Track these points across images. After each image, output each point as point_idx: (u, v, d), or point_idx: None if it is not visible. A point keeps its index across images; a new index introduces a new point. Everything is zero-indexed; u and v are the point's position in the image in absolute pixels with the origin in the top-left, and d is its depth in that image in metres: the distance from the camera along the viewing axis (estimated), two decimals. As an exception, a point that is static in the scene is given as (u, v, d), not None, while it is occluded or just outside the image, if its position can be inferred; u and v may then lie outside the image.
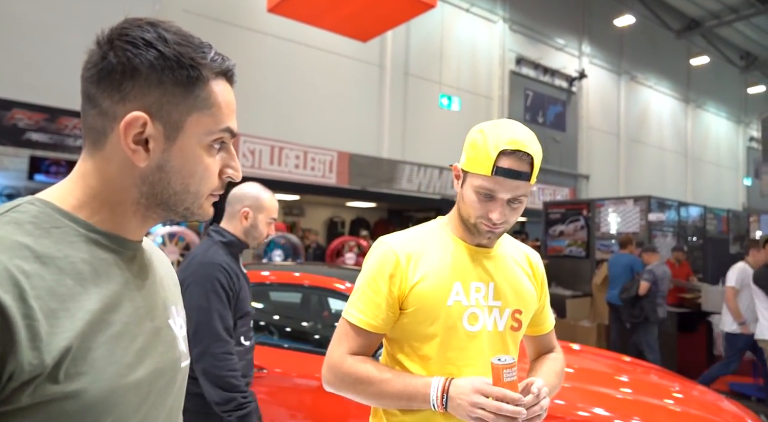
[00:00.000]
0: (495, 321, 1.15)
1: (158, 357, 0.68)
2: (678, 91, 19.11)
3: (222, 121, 0.68)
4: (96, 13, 7.99)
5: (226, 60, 0.71)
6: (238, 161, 0.73)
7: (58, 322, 0.55)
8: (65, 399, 0.55)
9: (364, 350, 1.16)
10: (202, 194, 0.69)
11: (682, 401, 2.59)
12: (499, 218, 1.08)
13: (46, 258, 0.57)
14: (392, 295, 1.13)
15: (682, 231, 7.30)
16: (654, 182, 17.18)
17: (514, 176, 1.06)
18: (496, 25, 13.87)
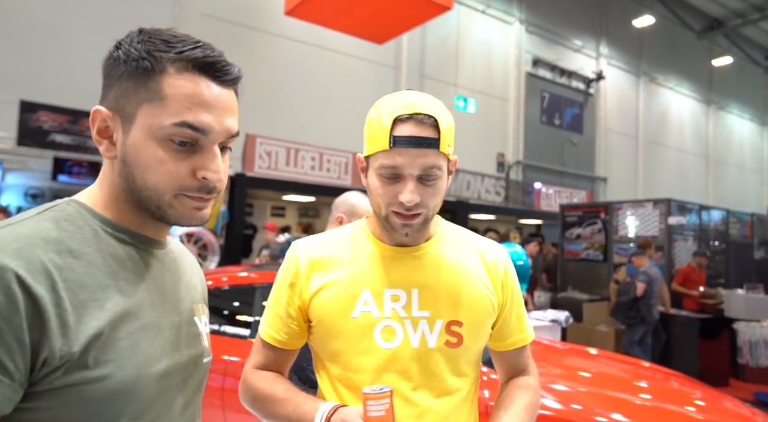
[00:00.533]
0: (423, 336, 0.93)
1: (182, 351, 0.71)
2: (699, 92, 18.75)
3: (175, 114, 0.64)
4: (117, 16, 8.15)
5: (203, 50, 0.66)
6: (219, 163, 0.68)
7: (86, 312, 0.59)
8: (92, 383, 0.58)
9: (272, 365, 1.03)
10: (164, 192, 0.66)
11: (704, 409, 2.53)
12: (410, 198, 0.87)
13: (77, 253, 0.62)
14: (292, 306, 0.98)
15: (703, 235, 7.15)
16: (674, 184, 16.87)
17: (417, 144, 0.86)
18: (513, 26, 13.78)
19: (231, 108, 0.69)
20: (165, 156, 0.65)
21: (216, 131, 0.66)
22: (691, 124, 18.63)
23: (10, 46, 7.40)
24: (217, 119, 0.66)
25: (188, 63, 0.65)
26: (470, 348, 0.96)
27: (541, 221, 13.67)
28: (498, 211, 12.48)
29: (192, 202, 0.68)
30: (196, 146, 0.66)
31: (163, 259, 0.74)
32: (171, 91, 0.64)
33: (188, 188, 0.66)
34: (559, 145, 14.79)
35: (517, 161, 13.73)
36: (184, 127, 0.64)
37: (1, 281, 0.53)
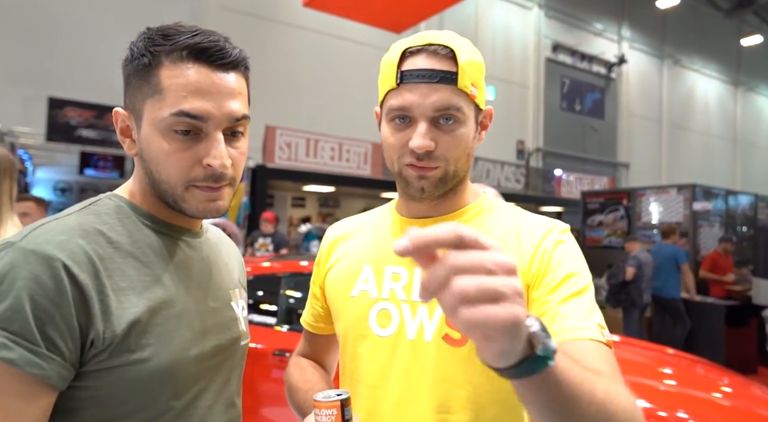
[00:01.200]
0: (421, 325, 0.75)
1: (218, 334, 0.74)
2: (726, 73, 18.17)
3: (173, 104, 0.65)
4: (139, 11, 8.27)
5: (194, 35, 0.66)
6: (221, 148, 0.67)
7: (126, 299, 0.64)
8: (134, 364, 0.63)
9: (309, 352, 0.96)
10: (176, 184, 0.67)
11: (731, 395, 2.51)
12: (421, 143, 0.71)
13: (117, 243, 0.66)
14: (317, 285, 0.92)
15: (730, 221, 6.99)
16: (699, 169, 16.46)
17: (428, 77, 0.71)
18: (531, 11, 13.53)
19: (232, 92, 0.68)
20: (169, 148, 0.66)
21: (215, 116, 0.66)
22: (717, 106, 18.09)
23: (37, 44, 7.59)
24: (216, 103, 0.66)
25: (182, 52, 0.65)
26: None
27: (562, 209, 13.51)
28: (518, 199, 12.37)
29: (202, 193, 0.68)
30: (200, 134, 0.66)
31: (199, 247, 0.77)
32: (167, 83, 0.65)
33: (195, 178, 0.67)
34: (580, 131, 14.54)
35: (537, 148, 13.56)
36: (182, 116, 0.64)
37: (50, 270, 0.58)
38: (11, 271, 0.58)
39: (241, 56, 0.70)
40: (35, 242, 0.60)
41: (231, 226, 5.58)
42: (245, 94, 0.72)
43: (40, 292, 0.57)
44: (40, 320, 0.57)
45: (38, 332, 0.57)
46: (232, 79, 0.69)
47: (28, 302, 0.57)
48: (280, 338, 2.51)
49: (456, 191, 0.79)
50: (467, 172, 0.79)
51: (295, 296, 3.10)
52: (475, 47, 0.77)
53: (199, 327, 0.71)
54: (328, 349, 0.96)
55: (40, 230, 0.62)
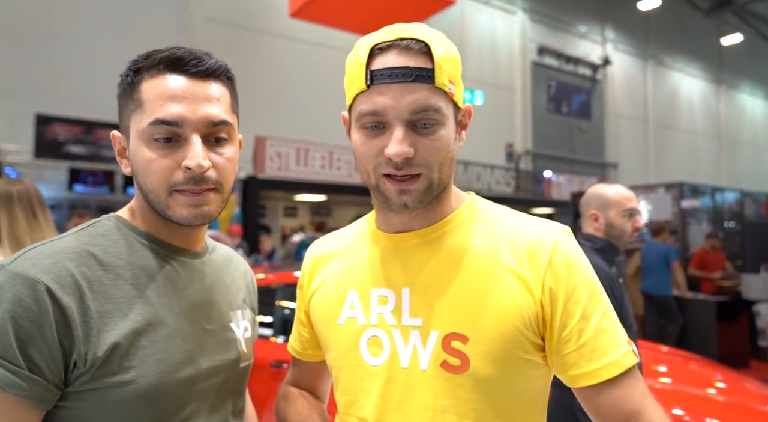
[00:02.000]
0: (415, 353, 0.68)
1: (214, 356, 0.73)
2: (709, 72, 18.47)
3: (151, 113, 0.67)
4: (125, 26, 8.26)
5: (168, 52, 0.69)
6: (198, 149, 0.67)
7: (111, 321, 0.64)
8: (117, 387, 0.63)
9: (299, 380, 0.89)
10: (159, 191, 0.68)
11: (725, 391, 2.55)
12: (398, 150, 0.62)
13: (108, 266, 0.67)
14: (302, 310, 0.84)
15: (717, 217, 7.09)
16: (686, 167, 16.68)
17: (402, 76, 0.62)
18: (516, 16, 13.68)
19: (208, 97, 0.69)
20: (152, 155, 0.67)
21: (190, 120, 0.67)
22: (701, 105, 18.37)
23: (24, 60, 7.55)
24: (190, 108, 0.67)
25: (159, 65, 0.68)
26: (486, 379, 0.65)
27: (553, 210, 13.61)
28: (509, 201, 12.39)
29: (185, 198, 0.68)
30: (180, 140, 0.68)
31: (197, 268, 0.76)
32: (146, 96, 0.67)
33: (176, 183, 0.68)
34: (568, 132, 14.69)
35: (526, 151, 13.67)
36: (158, 124, 0.66)
37: (34, 293, 0.59)
38: None
39: (219, 65, 0.71)
40: (22, 266, 0.61)
41: (224, 238, 5.56)
42: (227, 102, 0.72)
43: (22, 314, 0.59)
44: (22, 342, 0.58)
45: (20, 353, 0.58)
46: (211, 86, 0.70)
47: (11, 324, 0.58)
48: (276, 349, 2.51)
49: (440, 199, 0.71)
50: (451, 178, 0.71)
51: (290, 306, 3.10)
52: (448, 40, 0.69)
53: (191, 349, 0.70)
54: (319, 376, 0.88)
55: (30, 253, 0.63)
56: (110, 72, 0.76)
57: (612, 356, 0.65)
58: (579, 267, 0.68)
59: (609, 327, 0.66)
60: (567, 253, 0.68)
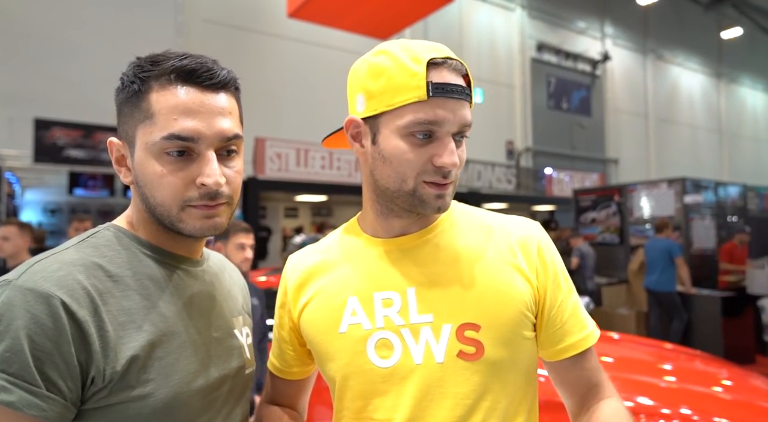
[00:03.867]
0: (428, 348, 0.71)
1: (223, 364, 0.73)
2: (709, 66, 18.42)
3: (164, 128, 0.65)
4: (122, 29, 8.25)
5: (182, 60, 0.67)
6: (214, 166, 0.67)
7: (126, 333, 0.63)
8: (135, 401, 0.61)
9: (280, 398, 0.88)
10: (170, 206, 0.67)
11: (731, 388, 2.53)
12: (454, 160, 0.69)
13: (117, 277, 0.65)
14: (284, 328, 0.84)
15: (720, 212, 7.06)
16: (687, 161, 16.65)
17: (458, 93, 0.69)
18: (515, 12, 13.65)
19: (222, 111, 0.68)
20: (163, 170, 0.66)
21: (206, 135, 0.66)
22: (701, 99, 18.32)
23: (21, 65, 7.53)
24: (206, 123, 0.66)
25: (170, 76, 0.66)
26: (498, 363, 0.71)
27: (554, 207, 13.59)
28: (510, 199, 12.43)
29: (198, 211, 0.68)
30: (192, 155, 0.67)
31: (201, 276, 0.76)
32: (157, 107, 0.65)
33: (190, 199, 0.67)
34: (568, 129, 14.65)
35: (526, 148, 13.64)
36: (173, 139, 0.65)
37: (49, 309, 0.57)
38: (9, 310, 0.57)
39: (230, 76, 0.70)
40: (33, 280, 0.59)
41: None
42: (237, 114, 0.71)
43: (38, 331, 0.57)
44: (39, 360, 0.56)
45: (38, 372, 0.56)
46: (222, 99, 0.69)
47: (27, 342, 0.56)
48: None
49: None
50: None
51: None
52: None
53: (203, 358, 0.70)
54: (302, 393, 0.90)
55: (37, 267, 0.61)
56: (108, 75, 0.74)
57: (587, 329, 0.79)
58: (556, 256, 0.80)
59: (579, 304, 0.80)
60: (547, 244, 0.79)
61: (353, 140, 0.77)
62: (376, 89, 0.71)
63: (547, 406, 1.95)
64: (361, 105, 0.74)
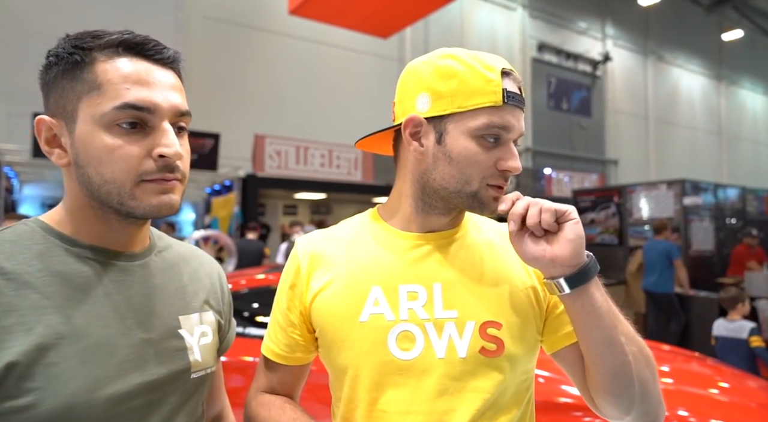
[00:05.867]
0: (451, 343, 0.73)
1: (151, 369, 0.66)
2: (709, 68, 18.42)
3: (116, 97, 0.61)
4: (122, 24, 8.20)
5: (127, 34, 0.64)
6: (173, 137, 0.64)
7: (10, 337, 0.57)
8: (19, 412, 0.55)
9: (279, 387, 0.86)
10: (123, 181, 0.62)
11: (728, 390, 2.53)
12: (517, 165, 0.74)
13: (12, 274, 0.60)
14: (293, 311, 0.82)
15: (720, 214, 7.07)
16: (687, 163, 16.65)
17: (521, 102, 0.74)
18: (516, 12, 13.63)
19: (174, 86, 0.66)
20: (114, 142, 0.61)
21: (162, 107, 0.63)
22: (702, 101, 18.32)
23: (20, 60, 7.50)
24: (161, 94, 0.63)
25: (118, 47, 0.63)
26: (515, 358, 0.75)
27: (554, 207, 13.58)
28: (509, 199, 12.42)
29: (155, 186, 0.63)
30: (145, 127, 0.63)
31: (135, 272, 0.69)
32: (106, 77, 0.61)
33: (147, 172, 0.63)
34: (568, 129, 14.65)
35: (526, 148, 13.63)
36: (127, 108, 0.61)
37: None
38: None
39: (178, 55, 0.68)
40: None
41: (223, 238, 5.54)
42: (184, 92, 0.69)
43: None
44: None
45: None
46: (171, 75, 0.67)
47: None
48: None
49: None
50: None
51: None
52: None
53: (121, 362, 0.63)
54: (299, 381, 0.88)
55: None
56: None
57: None
58: None
59: None
60: None
61: (411, 138, 0.76)
62: (446, 90, 0.73)
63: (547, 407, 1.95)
64: (424, 105, 0.75)
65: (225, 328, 0.83)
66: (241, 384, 2.44)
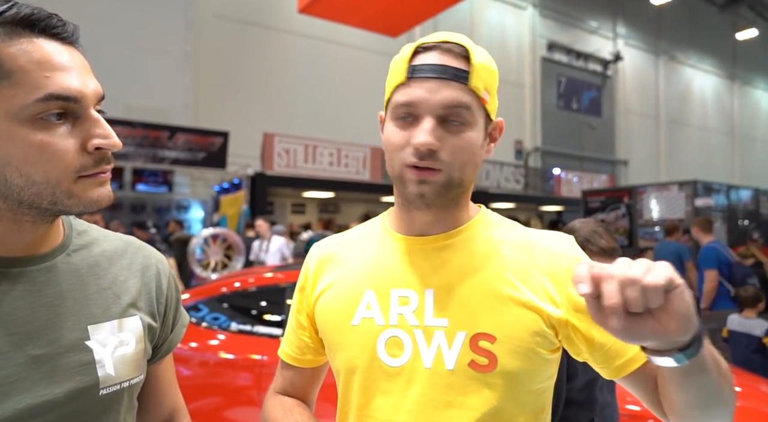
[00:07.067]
0: (439, 353, 0.69)
1: (43, 389, 0.58)
2: (722, 68, 18.21)
3: (36, 87, 0.53)
4: (133, 22, 8.28)
5: (24, 8, 0.55)
6: (106, 126, 0.58)
7: None
8: None
9: (291, 388, 0.85)
10: (58, 180, 0.56)
11: (740, 395, 2.49)
12: (425, 140, 0.65)
13: None
14: (302, 313, 0.82)
15: (732, 215, 6.99)
16: (698, 164, 16.48)
17: (440, 72, 0.66)
18: (526, 11, 13.56)
19: (87, 68, 0.59)
20: (44, 138, 0.54)
21: (87, 94, 0.57)
22: (714, 101, 18.12)
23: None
24: (82, 80, 0.57)
25: (16, 26, 0.54)
26: (512, 376, 0.68)
27: (562, 208, 13.51)
28: (518, 199, 12.37)
29: (93, 180, 0.58)
30: (71, 117, 0.56)
31: (33, 277, 0.61)
32: (16, 64, 0.53)
33: (85, 167, 0.57)
34: (578, 129, 14.55)
35: (535, 148, 13.56)
36: (52, 100, 0.54)
37: None
38: None
39: (77, 29, 0.61)
40: None
41: (232, 236, 5.56)
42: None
43: None
44: None
45: None
46: (80, 55, 0.60)
47: None
48: (285, 349, 2.50)
49: (459, 203, 0.74)
50: (472, 183, 0.75)
51: (298, 305, 3.09)
52: (490, 56, 0.73)
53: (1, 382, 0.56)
54: (313, 383, 0.87)
55: None
56: (118, 70, 0.68)
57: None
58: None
59: None
60: (580, 260, 0.71)
61: (381, 133, 0.76)
62: (386, 82, 0.74)
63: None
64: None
65: (161, 330, 0.75)
66: (249, 383, 2.44)
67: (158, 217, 8.73)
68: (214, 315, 2.74)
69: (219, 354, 2.57)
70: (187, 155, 8.35)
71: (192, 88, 9.08)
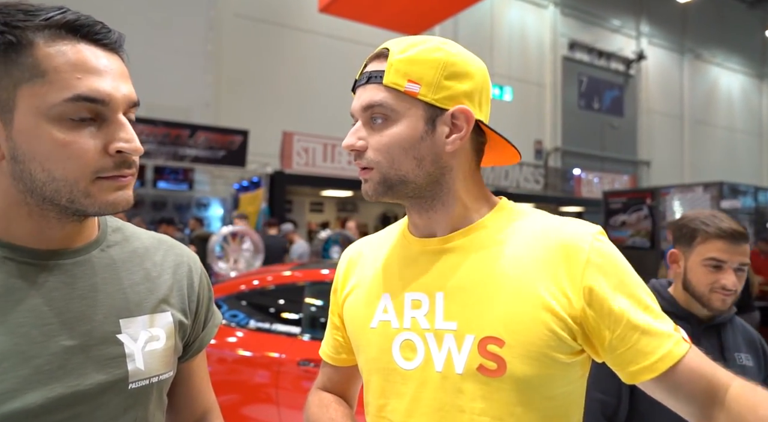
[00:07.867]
0: (449, 356, 0.68)
1: (74, 380, 0.59)
2: (751, 66, 17.73)
3: (66, 87, 0.55)
4: (154, 22, 8.41)
5: (69, 13, 0.57)
6: (130, 131, 0.59)
7: None
8: None
9: (330, 385, 0.88)
10: (77, 179, 0.57)
11: None
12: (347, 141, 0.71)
13: None
14: (335, 313, 0.85)
15: (760, 218, 6.79)
16: (723, 165, 16.08)
17: (360, 81, 0.73)
18: (547, 9, 13.40)
19: (125, 74, 0.60)
20: (67, 137, 0.55)
21: (116, 98, 0.58)
22: (741, 101, 17.65)
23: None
24: (114, 84, 0.58)
25: (60, 29, 0.56)
26: (524, 381, 0.65)
27: (583, 208, 13.31)
28: (537, 199, 12.23)
29: (111, 183, 0.59)
30: (98, 119, 0.57)
31: (68, 270, 0.63)
32: (51, 64, 0.55)
33: (104, 169, 0.58)
34: (599, 129, 14.32)
35: (555, 148, 13.39)
36: (80, 101, 0.55)
37: None
38: None
39: (122, 37, 0.62)
40: None
41: (252, 234, 5.61)
42: (130, 79, 0.63)
43: None
44: None
45: None
46: (119, 61, 0.61)
47: None
48: (304, 347, 2.50)
49: (443, 201, 0.72)
50: (432, 178, 0.70)
51: (317, 304, 3.10)
52: (438, 43, 0.70)
53: (33, 374, 0.56)
54: (351, 381, 0.88)
55: None
56: (140, 70, 0.69)
57: (664, 347, 0.64)
58: (617, 266, 0.67)
59: (655, 320, 0.66)
60: (603, 253, 0.67)
61: None
62: None
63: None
64: None
65: (192, 327, 0.76)
66: (267, 381, 2.46)
67: (179, 214, 8.87)
68: (233, 313, 2.77)
69: (237, 352, 2.59)
70: (207, 153, 8.45)
71: (213, 87, 9.19)
